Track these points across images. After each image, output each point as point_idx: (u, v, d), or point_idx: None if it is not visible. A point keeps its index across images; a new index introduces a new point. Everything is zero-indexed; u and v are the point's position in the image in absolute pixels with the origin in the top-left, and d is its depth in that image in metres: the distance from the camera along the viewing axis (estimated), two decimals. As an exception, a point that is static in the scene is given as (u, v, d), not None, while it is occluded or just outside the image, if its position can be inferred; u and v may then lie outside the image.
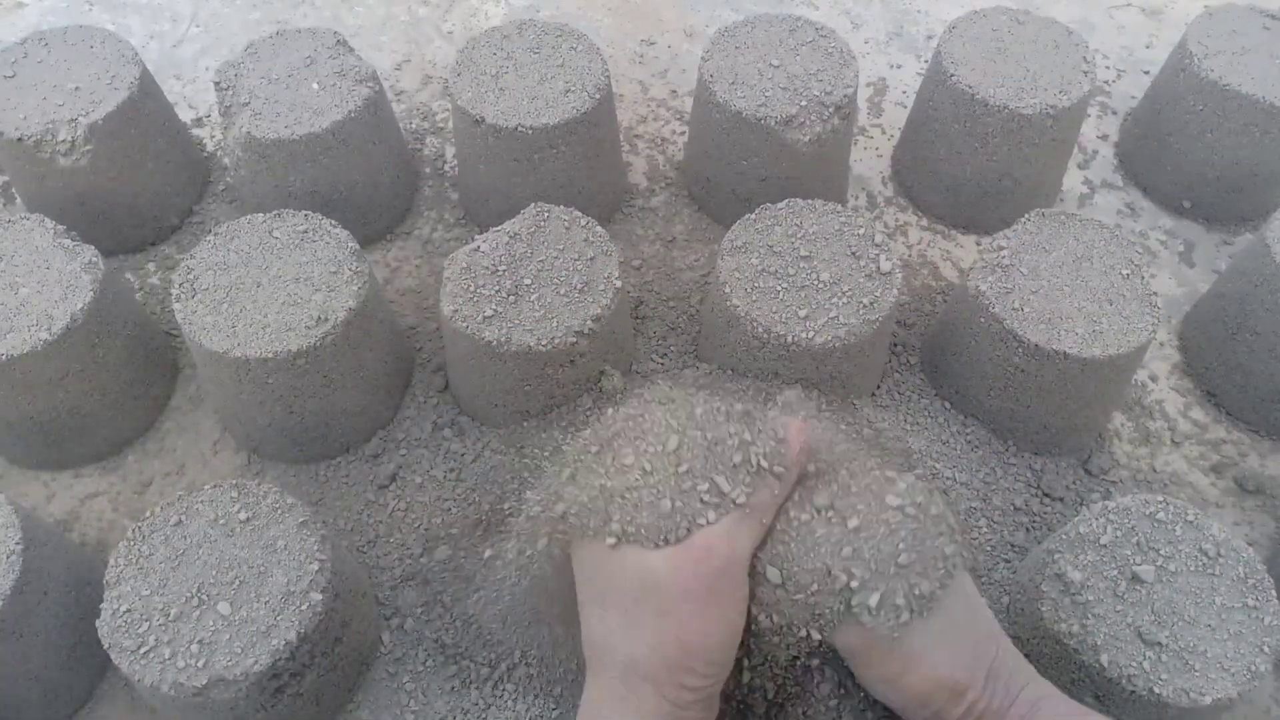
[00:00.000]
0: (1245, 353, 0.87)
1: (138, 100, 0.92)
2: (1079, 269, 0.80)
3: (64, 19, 1.24)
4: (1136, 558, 0.65)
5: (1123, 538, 0.66)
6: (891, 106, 1.16)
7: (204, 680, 0.61)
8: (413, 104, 1.15)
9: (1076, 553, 0.66)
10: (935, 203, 1.04)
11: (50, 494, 0.86)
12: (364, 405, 0.84)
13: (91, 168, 0.91)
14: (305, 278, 0.79)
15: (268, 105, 0.90)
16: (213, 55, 1.21)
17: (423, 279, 0.99)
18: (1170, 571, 0.65)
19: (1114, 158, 1.11)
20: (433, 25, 1.25)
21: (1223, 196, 1.02)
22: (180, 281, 0.79)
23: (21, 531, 0.67)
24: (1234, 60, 0.96)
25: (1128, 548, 0.66)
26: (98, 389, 0.82)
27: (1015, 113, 0.91)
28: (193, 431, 0.89)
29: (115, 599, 0.64)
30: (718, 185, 1.00)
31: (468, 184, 1.01)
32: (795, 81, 0.92)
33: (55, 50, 0.94)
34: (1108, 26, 1.25)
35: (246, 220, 0.83)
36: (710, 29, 1.23)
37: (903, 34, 1.24)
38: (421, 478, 0.85)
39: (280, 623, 0.63)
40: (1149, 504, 0.67)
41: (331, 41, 0.95)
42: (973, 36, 0.96)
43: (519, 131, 0.89)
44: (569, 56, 0.94)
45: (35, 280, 0.79)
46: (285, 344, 0.75)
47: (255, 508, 0.68)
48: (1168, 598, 0.64)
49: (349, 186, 0.95)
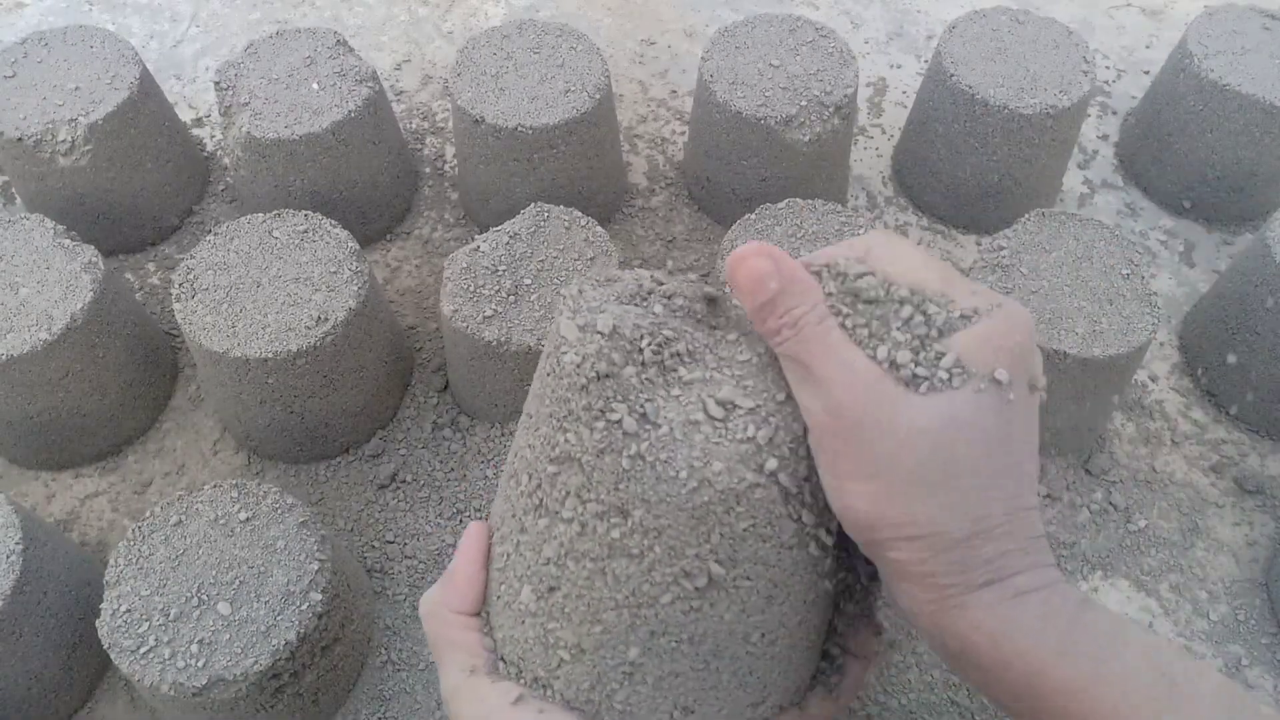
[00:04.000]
0: (1246, 353, 0.87)
1: (138, 100, 0.92)
2: (1079, 269, 0.80)
3: (64, 19, 1.24)
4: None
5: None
6: (891, 106, 1.16)
7: (204, 680, 0.61)
8: (413, 104, 1.15)
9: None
10: (935, 203, 1.04)
11: (50, 494, 0.86)
12: (364, 405, 0.84)
13: (91, 168, 0.91)
14: (305, 278, 0.79)
15: (268, 105, 0.90)
16: (213, 55, 1.21)
17: (423, 279, 0.99)
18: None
19: (1114, 158, 1.11)
20: (433, 25, 1.25)
21: (1223, 196, 1.02)
22: (180, 281, 0.79)
23: (21, 531, 0.66)
24: (1234, 60, 0.96)
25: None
26: (97, 389, 0.82)
27: (1015, 113, 0.91)
28: (193, 431, 0.89)
29: (115, 599, 0.64)
30: (718, 185, 1.00)
31: (468, 184, 1.01)
32: (795, 81, 0.92)
33: (55, 50, 0.94)
34: (1108, 26, 1.25)
35: (246, 220, 0.83)
36: (710, 29, 1.23)
37: (903, 34, 1.24)
38: (421, 478, 0.85)
39: (280, 623, 0.63)
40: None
41: (331, 41, 0.95)
42: (973, 36, 0.96)
43: (519, 131, 0.89)
44: (569, 56, 0.94)
45: (35, 280, 0.79)
46: (285, 344, 0.75)
47: (255, 508, 0.68)
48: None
49: (349, 186, 0.95)
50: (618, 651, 0.39)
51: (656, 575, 0.38)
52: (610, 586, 0.39)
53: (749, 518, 0.38)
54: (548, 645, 0.41)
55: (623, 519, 0.38)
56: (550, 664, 0.41)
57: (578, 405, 0.39)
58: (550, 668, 0.41)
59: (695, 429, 0.39)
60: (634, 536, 0.38)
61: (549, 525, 0.40)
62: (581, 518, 0.39)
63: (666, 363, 0.41)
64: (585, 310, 0.41)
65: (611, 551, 0.38)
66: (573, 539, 0.39)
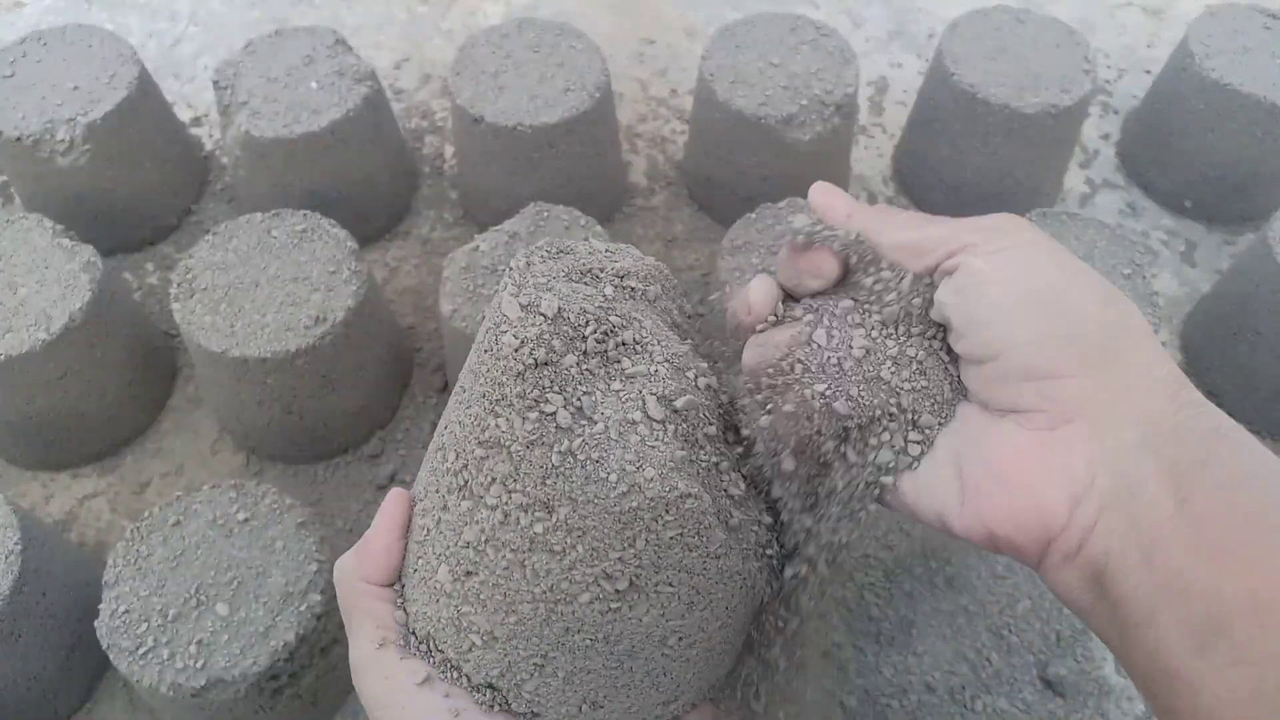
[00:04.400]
0: (1247, 353, 0.87)
1: (136, 99, 0.92)
2: (1080, 269, 0.80)
3: (62, 18, 1.24)
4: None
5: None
6: (892, 105, 1.16)
7: (202, 681, 0.61)
8: (412, 103, 1.15)
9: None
10: (936, 202, 1.04)
11: (48, 494, 0.85)
12: (363, 405, 0.84)
13: (90, 167, 0.91)
14: (304, 277, 0.78)
15: (266, 104, 0.90)
16: (211, 54, 1.20)
17: (422, 279, 0.99)
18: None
19: (1115, 157, 1.11)
20: (432, 24, 1.25)
21: (1224, 196, 1.02)
22: (179, 281, 0.78)
23: (20, 532, 0.66)
24: (1235, 60, 0.95)
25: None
26: (96, 389, 0.82)
27: (1016, 112, 0.91)
28: (191, 432, 0.89)
29: (114, 599, 0.64)
30: (718, 184, 0.99)
31: (467, 183, 1.01)
32: (796, 80, 0.91)
33: (54, 49, 0.94)
34: (1109, 26, 1.25)
35: (245, 220, 0.82)
36: (710, 27, 1.23)
37: (904, 33, 1.24)
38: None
39: (279, 623, 0.63)
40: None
41: (330, 40, 0.95)
42: (974, 35, 0.96)
43: (518, 131, 0.89)
44: (569, 55, 0.94)
45: (34, 280, 0.78)
46: (284, 344, 0.75)
47: (254, 508, 0.68)
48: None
49: (348, 186, 0.95)
50: (530, 644, 0.38)
51: (577, 574, 0.37)
52: (528, 579, 0.38)
53: (677, 526, 0.37)
54: (460, 628, 0.39)
55: (547, 514, 0.37)
56: (461, 647, 0.40)
57: (512, 391, 0.37)
58: (461, 650, 0.40)
59: (632, 429, 0.38)
60: (557, 533, 0.37)
61: (472, 509, 0.39)
62: (505, 506, 0.37)
63: (610, 353, 0.40)
64: (531, 287, 0.39)
65: (533, 545, 0.37)
66: (494, 526, 0.38)
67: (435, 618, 0.40)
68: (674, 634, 0.39)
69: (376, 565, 0.42)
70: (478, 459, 0.38)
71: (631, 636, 0.38)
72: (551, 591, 0.38)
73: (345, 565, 0.43)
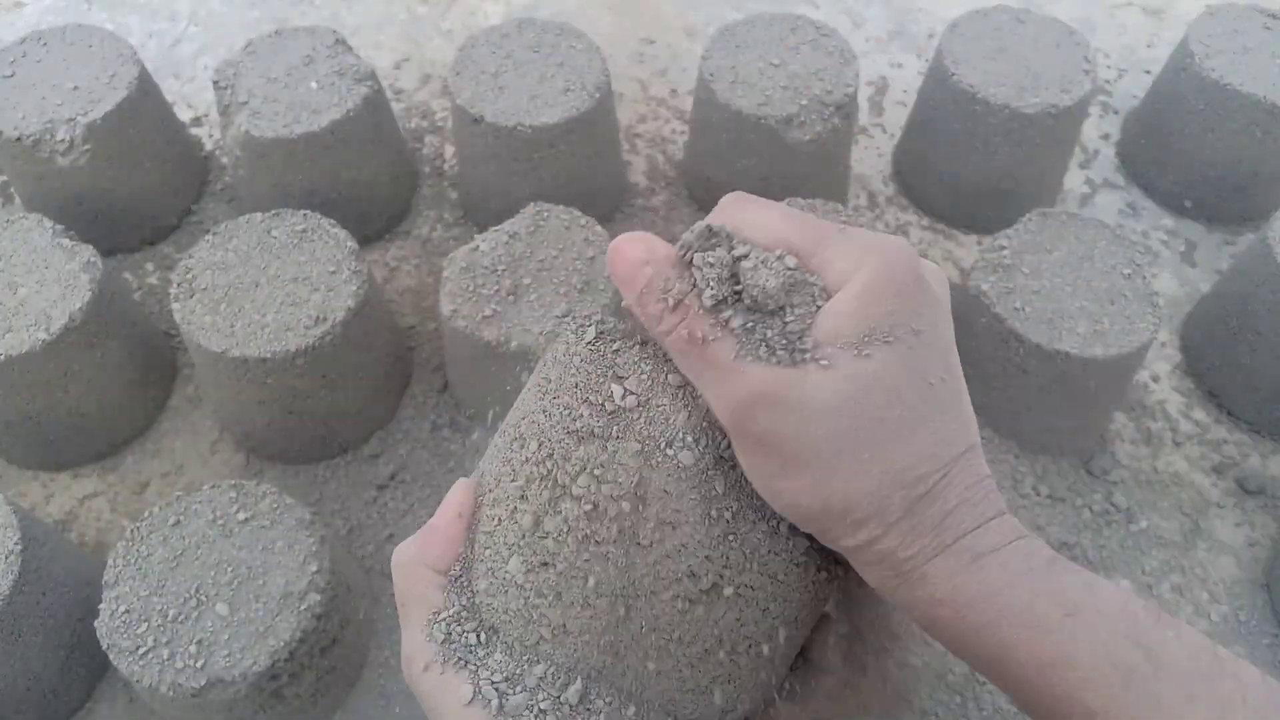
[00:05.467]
0: (1247, 353, 0.87)
1: (136, 99, 0.92)
2: (1080, 269, 0.80)
3: (62, 18, 1.24)
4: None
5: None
6: (892, 105, 1.16)
7: (202, 681, 0.61)
8: (412, 103, 1.15)
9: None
10: (936, 202, 1.04)
11: (49, 494, 0.85)
12: (363, 405, 0.84)
13: (90, 167, 0.91)
14: (304, 277, 0.78)
15: (266, 104, 0.90)
16: (211, 54, 1.20)
17: (422, 279, 0.99)
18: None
19: (1115, 157, 1.11)
20: (432, 24, 1.25)
21: (1224, 196, 1.02)
22: (179, 281, 0.78)
23: (20, 532, 0.66)
24: (1235, 60, 0.95)
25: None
26: (96, 389, 0.82)
27: (1016, 112, 0.91)
28: (191, 432, 0.89)
29: (114, 599, 0.64)
30: (718, 184, 0.99)
31: (467, 183, 1.01)
32: (796, 80, 0.91)
33: (54, 49, 0.94)
34: (1109, 26, 1.25)
35: (245, 220, 0.82)
36: (710, 27, 1.23)
37: (904, 33, 1.24)
38: (420, 478, 0.84)
39: (279, 624, 0.63)
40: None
41: (330, 40, 0.95)
42: (974, 35, 0.96)
43: (518, 131, 0.89)
44: (569, 55, 0.94)
45: (34, 280, 0.78)
46: (284, 344, 0.75)
47: (254, 508, 0.68)
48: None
49: (348, 186, 0.95)
50: (603, 640, 0.38)
51: (662, 569, 0.37)
52: (611, 573, 0.37)
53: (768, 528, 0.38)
54: (529, 620, 0.39)
55: (640, 506, 0.37)
56: (529, 639, 0.39)
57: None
58: (529, 644, 0.39)
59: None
60: (646, 526, 0.37)
61: (554, 498, 0.38)
62: (594, 497, 0.37)
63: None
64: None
65: (620, 537, 0.37)
66: (579, 517, 0.37)
67: (503, 609, 0.39)
68: (745, 640, 0.39)
69: (439, 553, 0.41)
70: (565, 448, 0.38)
71: (705, 639, 0.38)
72: (633, 586, 0.37)
73: (406, 550, 0.43)
